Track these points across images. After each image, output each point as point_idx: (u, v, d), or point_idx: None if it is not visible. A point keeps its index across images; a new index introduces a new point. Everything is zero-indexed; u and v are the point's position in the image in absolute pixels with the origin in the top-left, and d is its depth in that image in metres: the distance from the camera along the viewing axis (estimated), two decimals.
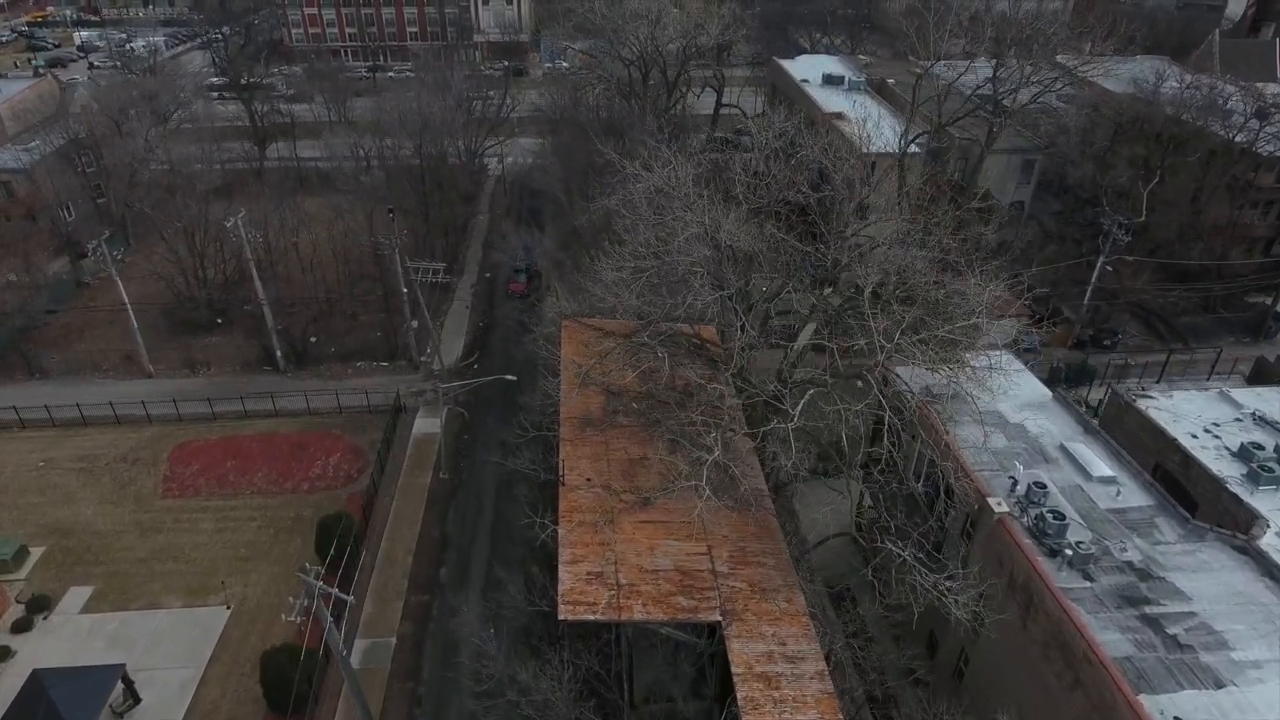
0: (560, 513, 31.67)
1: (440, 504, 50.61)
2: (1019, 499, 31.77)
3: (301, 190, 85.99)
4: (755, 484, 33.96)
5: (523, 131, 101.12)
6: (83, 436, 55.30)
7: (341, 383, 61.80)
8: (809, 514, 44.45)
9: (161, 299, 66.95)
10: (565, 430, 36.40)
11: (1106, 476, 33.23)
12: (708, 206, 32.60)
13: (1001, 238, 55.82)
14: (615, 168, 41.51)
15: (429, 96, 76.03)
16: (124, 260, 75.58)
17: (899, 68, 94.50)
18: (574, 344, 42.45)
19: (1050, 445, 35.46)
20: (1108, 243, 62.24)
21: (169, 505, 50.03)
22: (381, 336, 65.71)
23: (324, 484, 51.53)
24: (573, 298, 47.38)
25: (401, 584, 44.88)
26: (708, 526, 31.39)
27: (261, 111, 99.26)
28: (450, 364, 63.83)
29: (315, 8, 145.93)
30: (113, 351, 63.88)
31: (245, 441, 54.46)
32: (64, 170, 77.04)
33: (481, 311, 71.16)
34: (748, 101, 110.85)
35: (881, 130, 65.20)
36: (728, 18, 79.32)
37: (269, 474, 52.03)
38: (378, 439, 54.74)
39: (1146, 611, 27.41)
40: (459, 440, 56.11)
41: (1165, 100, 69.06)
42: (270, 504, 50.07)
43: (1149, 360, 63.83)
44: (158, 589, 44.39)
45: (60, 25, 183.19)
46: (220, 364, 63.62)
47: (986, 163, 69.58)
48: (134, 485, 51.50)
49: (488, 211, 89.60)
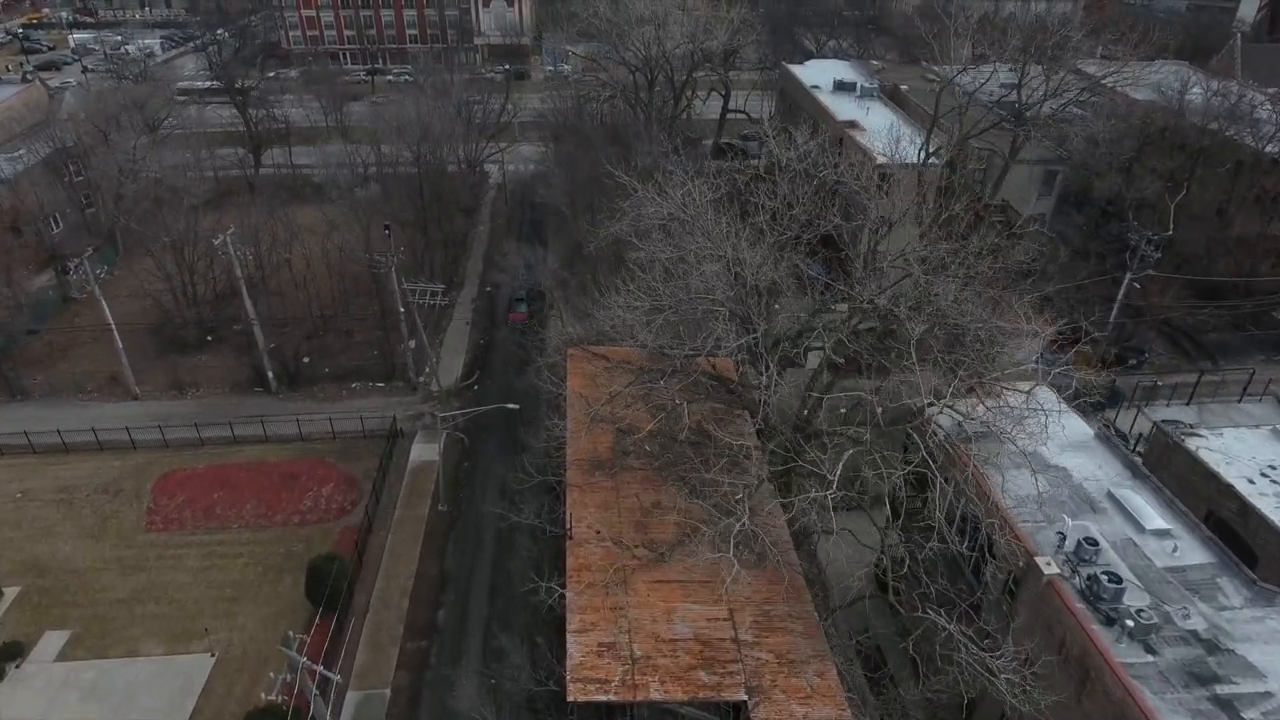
0: (568, 571, 29.09)
1: (438, 538, 47.97)
2: (1068, 556, 29.14)
3: (296, 200, 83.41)
4: (779, 535, 31.41)
5: (525, 137, 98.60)
6: (63, 465, 52.68)
7: (336, 405, 59.18)
8: (827, 550, 41.83)
9: (149, 316, 64.37)
10: (572, 474, 33.82)
11: (1161, 529, 30.58)
12: (729, 236, 29.94)
13: (1026, 253, 53.31)
14: (624, 187, 38.92)
15: (428, 105, 73.28)
16: (113, 273, 73.19)
17: (911, 73, 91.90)
18: (580, 376, 39.86)
19: (1096, 491, 32.80)
20: (1135, 259, 59.61)
21: (152, 540, 47.39)
22: (378, 356, 63.11)
23: (316, 517, 48.90)
24: (578, 322, 44.73)
25: (397, 629, 42.23)
26: (729, 586, 28.80)
27: (256, 117, 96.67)
28: (449, 385, 61.23)
29: (313, 10, 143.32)
30: (98, 372, 61.24)
31: (234, 471, 51.83)
32: (51, 180, 74.55)
33: (482, 328, 68.48)
34: (755, 106, 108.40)
35: (900, 143, 62.49)
36: (736, 22, 76.67)
37: (258, 506, 49.40)
38: (373, 467, 52.12)
39: (1218, 692, 24.78)
40: (458, 468, 53.48)
41: (1193, 109, 66.45)
42: (259, 539, 47.43)
43: (1178, 381, 61.13)
44: (138, 634, 41.76)
45: (56, 27, 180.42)
46: (209, 385, 60.98)
47: (1009, 177, 66.94)
48: (116, 518, 48.88)
49: (489, 222, 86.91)
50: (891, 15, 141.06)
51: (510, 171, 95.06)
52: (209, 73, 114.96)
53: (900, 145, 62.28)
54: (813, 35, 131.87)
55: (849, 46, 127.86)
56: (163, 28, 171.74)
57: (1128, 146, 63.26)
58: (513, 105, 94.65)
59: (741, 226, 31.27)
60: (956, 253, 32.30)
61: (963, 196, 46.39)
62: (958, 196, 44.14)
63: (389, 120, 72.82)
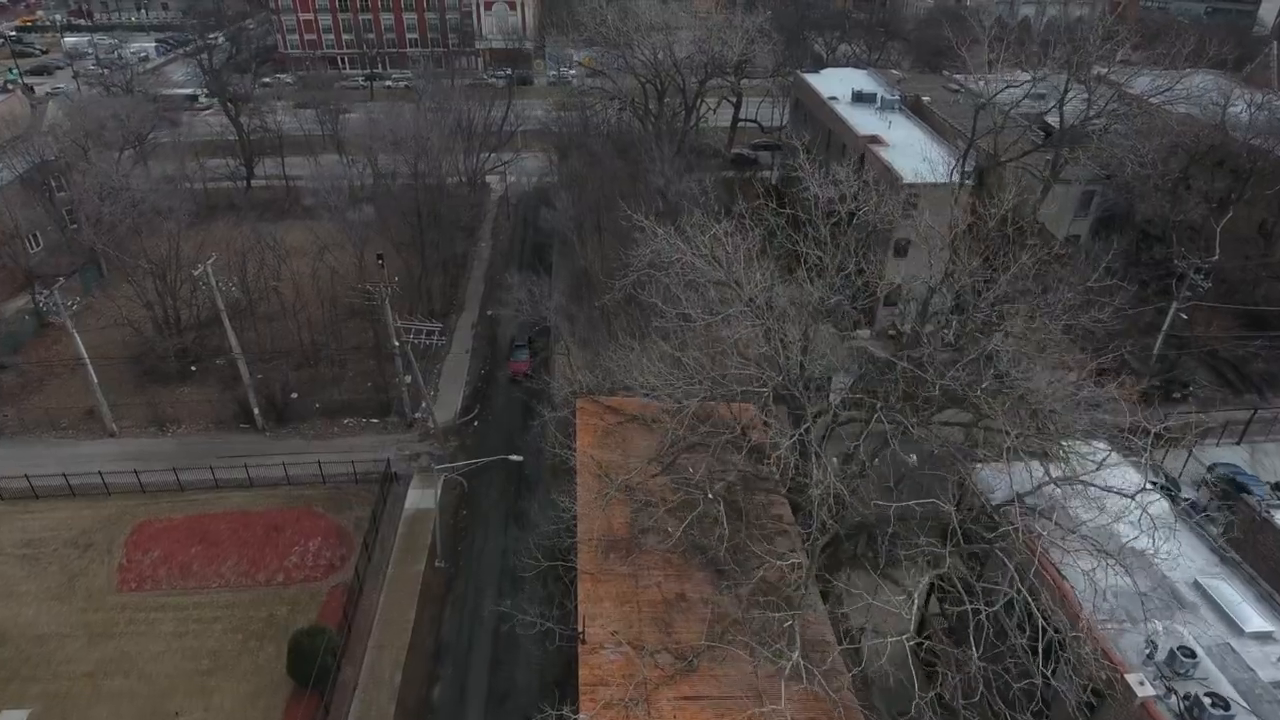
0: (580, 686, 25.15)
1: (435, 600, 44.03)
2: (1159, 669, 25.18)
3: (287, 216, 79.60)
4: (822, 632, 27.47)
5: (528, 148, 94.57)
6: (31, 514, 48.79)
7: (327, 443, 55.32)
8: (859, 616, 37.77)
9: (129, 345, 60.52)
10: (583, 559, 29.86)
11: (1262, 632, 26.62)
12: (770, 309, 25.99)
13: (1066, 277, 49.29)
14: (636, 215, 34.92)
15: (425, 119, 69.23)
16: (95, 296, 69.23)
17: (932, 83, 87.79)
18: (591, 434, 35.95)
19: (1181, 581, 28.83)
20: (1182, 286, 55.63)
21: (123, 602, 43.50)
22: (372, 388, 59.22)
23: (302, 575, 45.00)
24: (589, 369, 40.76)
25: (388, 708, 38.29)
26: (764, 695, 24.90)
27: (250, 126, 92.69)
28: (448, 422, 57.30)
29: (311, 13, 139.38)
30: (74, 407, 57.32)
31: (214, 522, 47.91)
32: (29, 197, 70.75)
33: (483, 357, 64.47)
34: (765, 114, 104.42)
35: (932, 162, 58.55)
36: (752, 30, 72.64)
37: (239, 563, 45.50)
38: (364, 516, 48.21)
39: None
40: (457, 516, 49.58)
41: (1238, 124, 62.36)
42: (239, 600, 43.53)
43: (1228, 419, 57.11)
44: (103, 714, 37.91)
45: (49, 30, 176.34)
46: (192, 421, 57.07)
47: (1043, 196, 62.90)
48: (85, 576, 44.99)
49: (490, 239, 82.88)
50: (903, 19, 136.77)
51: (513, 184, 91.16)
52: (201, 80, 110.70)
53: (932, 165, 58.54)
54: (822, 38, 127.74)
55: (861, 52, 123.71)
56: (159, 30, 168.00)
57: (1174, 165, 59.15)
58: (515, 116, 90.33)
59: (782, 279, 27.35)
60: (1030, 315, 28.42)
61: (1002, 220, 42.29)
62: (996, 221, 40.00)
63: (385, 136, 68.71)
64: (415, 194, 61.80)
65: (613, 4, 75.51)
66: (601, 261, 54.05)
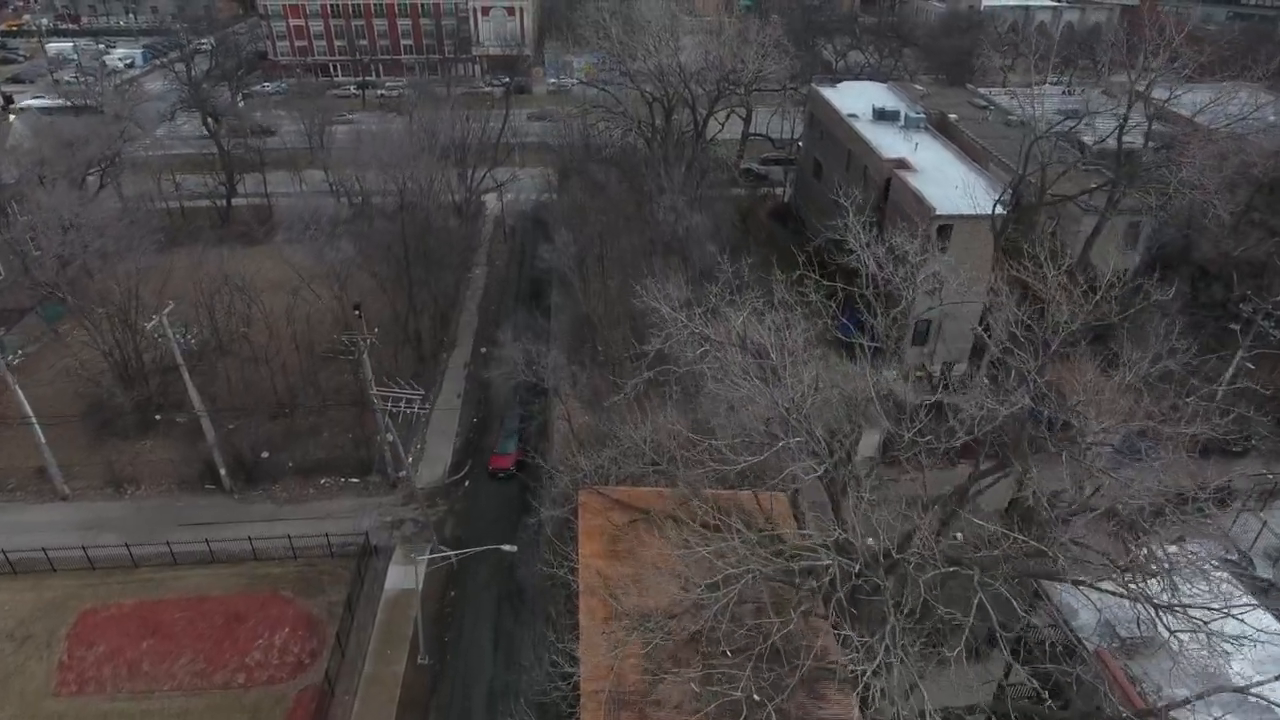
0: None
1: (418, 707, 38.56)
2: None
3: (263, 243, 74.26)
4: None
5: (526, 163, 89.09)
6: None
7: (300, 506, 49.99)
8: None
9: (86, 395, 55.18)
10: (587, 714, 24.46)
11: None
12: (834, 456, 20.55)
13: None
14: (656, 311, 29.32)
15: (415, 143, 63.76)
16: (56, 332, 63.84)
17: (957, 98, 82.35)
18: (595, 538, 30.57)
19: None
20: (1249, 334, 50.19)
21: (61, 709, 38.06)
22: (351, 442, 53.75)
23: (265, 675, 39.54)
24: (594, 447, 35.28)
25: None
26: None
27: (230, 144, 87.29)
28: (435, 481, 51.94)
29: (302, 19, 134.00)
30: (23, 466, 51.75)
31: (168, 610, 42.41)
32: None
33: (476, 403, 58.98)
34: (776, 127, 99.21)
35: (966, 189, 53.16)
36: (768, 45, 67.16)
37: (194, 660, 40.02)
38: (338, 601, 42.76)
39: None
40: (443, 599, 44.13)
41: None
42: (193, 707, 38.09)
43: None
44: None
45: (35, 35, 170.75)
46: (152, 481, 51.60)
47: (1083, 226, 57.44)
48: (20, 676, 39.53)
49: (485, 265, 77.43)
50: (914, 25, 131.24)
51: (510, 201, 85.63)
52: (181, 91, 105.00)
53: (969, 194, 53.16)
54: (832, 45, 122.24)
55: (874, 59, 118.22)
56: (147, 35, 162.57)
57: (1239, 196, 53.70)
58: (511, 132, 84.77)
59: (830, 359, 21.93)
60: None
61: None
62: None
63: (369, 162, 63.24)
64: (401, 227, 56.20)
65: (616, 16, 70.06)
66: (605, 306, 48.63)
